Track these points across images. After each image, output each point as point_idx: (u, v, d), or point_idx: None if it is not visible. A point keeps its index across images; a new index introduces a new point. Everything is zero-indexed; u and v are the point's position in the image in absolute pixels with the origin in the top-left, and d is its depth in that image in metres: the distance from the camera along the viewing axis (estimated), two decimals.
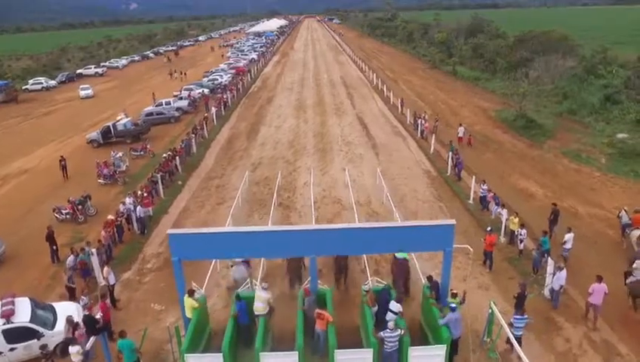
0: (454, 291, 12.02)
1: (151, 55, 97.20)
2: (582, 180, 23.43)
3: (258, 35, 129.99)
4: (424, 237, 11.66)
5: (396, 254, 13.95)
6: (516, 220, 16.94)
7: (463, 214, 20.04)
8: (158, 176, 22.69)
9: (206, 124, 33.33)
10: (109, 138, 32.45)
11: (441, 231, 11.66)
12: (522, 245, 16.34)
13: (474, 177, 21.45)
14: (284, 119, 37.33)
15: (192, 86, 48.11)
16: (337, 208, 20.95)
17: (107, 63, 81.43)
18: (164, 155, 25.44)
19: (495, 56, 54.09)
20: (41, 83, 62.20)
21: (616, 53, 45.89)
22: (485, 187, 20.05)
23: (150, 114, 37.50)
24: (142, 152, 29.22)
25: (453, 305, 11.19)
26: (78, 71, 72.06)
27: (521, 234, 16.20)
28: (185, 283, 12.10)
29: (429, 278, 12.62)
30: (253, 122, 37.11)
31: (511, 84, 36.19)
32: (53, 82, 63.42)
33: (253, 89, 52.89)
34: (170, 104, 40.27)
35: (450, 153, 24.69)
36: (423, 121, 30.73)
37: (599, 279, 12.71)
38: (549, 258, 14.43)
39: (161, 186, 22.88)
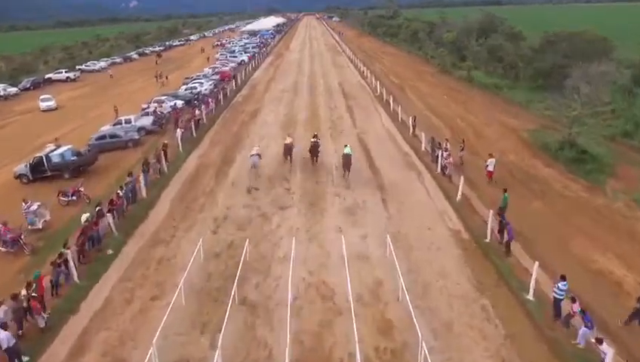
0: None
1: (135, 56, 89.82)
2: None
3: (253, 33, 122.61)
4: None
5: (344, 150, 23.36)
6: None
7: (524, 327, 12.94)
8: (68, 253, 15.51)
9: (165, 154, 26.13)
10: (41, 172, 25.35)
11: None
12: None
13: (536, 264, 14.21)
14: (268, 143, 30.13)
15: (163, 97, 40.91)
16: (328, 310, 13.84)
17: (83, 66, 74.21)
18: (84, 220, 17.88)
19: (517, 60, 46.86)
20: None
21: None
22: (564, 287, 12.87)
23: (102, 137, 30.33)
24: (74, 197, 22.09)
25: None
26: (47, 76, 64.77)
27: None
28: None
29: None
30: (229, 147, 29.90)
31: (555, 103, 28.91)
32: (13, 89, 56.06)
33: (237, 99, 45.65)
34: (130, 122, 33.15)
35: (494, 213, 17.56)
36: (445, 153, 23.50)
37: None
38: None
39: (74, 266, 15.73)
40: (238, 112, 39.79)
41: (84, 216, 17.57)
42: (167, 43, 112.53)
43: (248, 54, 75.62)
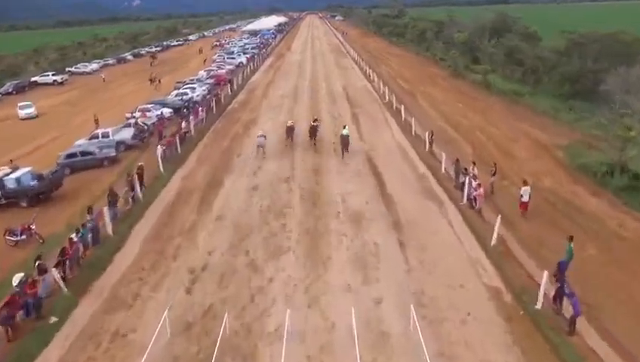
0: None
1: (129, 57, 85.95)
2: None
3: (253, 33, 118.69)
4: None
5: (342, 131, 26.31)
6: None
7: None
8: None
9: (141, 178, 22.25)
10: None
11: None
12: None
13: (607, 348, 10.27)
14: (264, 161, 26.22)
15: (149, 105, 37.04)
16: None
17: (73, 68, 70.44)
18: (16, 282, 13.83)
19: (539, 63, 42.81)
20: None
21: None
22: None
23: (72, 155, 26.46)
24: (23, 236, 18.23)
25: None
26: (33, 79, 60.99)
27: None
28: None
29: None
30: (218, 166, 25.97)
31: (589, 114, 24.91)
32: None
33: (233, 105, 41.72)
34: (108, 136, 29.31)
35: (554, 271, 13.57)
36: (474, 182, 19.50)
37: None
38: None
39: None
40: (231, 122, 35.85)
41: (17, 278, 13.66)
42: (164, 43, 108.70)
43: (247, 55, 71.73)
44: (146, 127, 31.24)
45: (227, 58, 67.87)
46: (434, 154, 26.05)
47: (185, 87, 44.62)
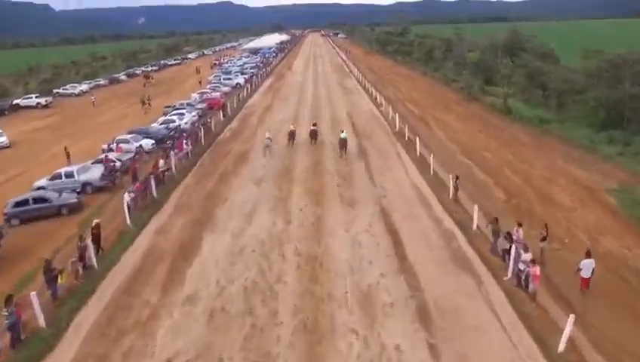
0: None
1: (122, 77, 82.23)
2: None
3: (254, 52, 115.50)
4: None
5: (340, 135, 29.84)
6: None
7: None
8: None
9: (97, 240, 17.69)
10: None
11: None
12: None
13: None
14: (252, 212, 21.67)
15: (129, 136, 32.74)
16: None
17: (60, 90, 66.62)
18: None
19: (565, 86, 38.44)
20: None
21: None
22: None
23: (23, 203, 21.96)
24: None
25: None
26: (16, 101, 57.04)
27: None
28: None
29: None
30: (198, 218, 21.38)
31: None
32: None
33: (224, 135, 37.34)
34: (72, 176, 24.89)
35: None
36: (525, 254, 14.81)
37: None
38: None
39: None
40: (221, 155, 31.40)
41: None
42: (161, 62, 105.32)
43: (245, 76, 67.83)
44: (118, 165, 26.73)
45: (224, 79, 63.98)
46: (460, 204, 21.46)
47: (173, 113, 40.39)
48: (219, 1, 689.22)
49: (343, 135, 29.86)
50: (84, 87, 69.47)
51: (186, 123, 37.91)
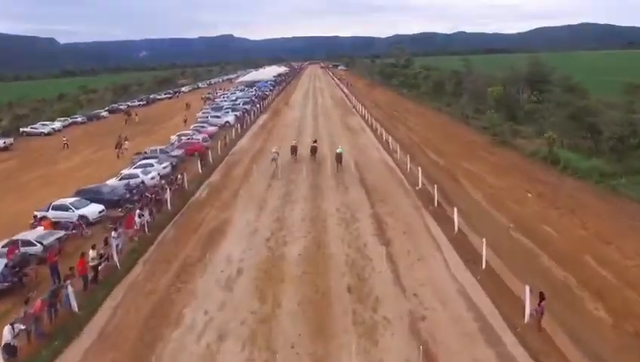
0: None
1: (103, 114, 75.10)
2: None
3: (250, 85, 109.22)
4: None
5: (337, 150, 32.83)
6: None
7: None
8: None
9: None
10: None
11: None
12: None
13: None
14: (216, 351, 13.51)
15: (69, 201, 24.80)
16: None
17: (29, 128, 59.30)
18: None
19: (626, 130, 30.89)
20: None
21: None
22: None
23: None
24: None
25: None
26: None
27: None
28: None
29: None
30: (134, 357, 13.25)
31: None
32: None
33: (200, 195, 29.43)
34: None
35: None
36: None
37: None
38: None
39: None
40: (188, 230, 23.35)
41: None
42: (150, 96, 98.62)
43: (237, 113, 60.66)
44: (35, 250, 18.69)
45: (212, 116, 56.68)
46: (547, 335, 13.38)
47: (139, 163, 32.60)
48: (220, 35, 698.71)
49: (339, 150, 33.08)
50: (57, 125, 62.20)
51: (152, 178, 30.10)
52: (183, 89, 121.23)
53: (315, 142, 37.24)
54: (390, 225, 22.30)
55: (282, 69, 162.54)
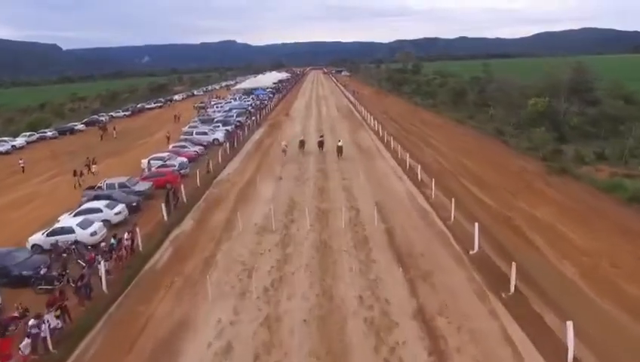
0: None
1: (80, 127, 66.50)
2: None
3: (247, 92, 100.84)
4: None
5: (338, 143, 37.51)
6: None
7: None
8: None
9: None
10: None
11: None
12: None
13: None
14: None
15: None
16: None
17: None
18: None
19: None
20: None
21: None
22: None
23: None
24: None
25: None
26: None
27: None
28: None
29: None
30: None
31: None
32: None
33: (160, 258, 20.62)
34: None
35: None
36: None
37: None
38: None
39: None
40: (121, 346, 14.60)
41: None
42: (138, 106, 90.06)
43: (228, 127, 52.08)
44: None
45: (197, 133, 47.95)
46: None
47: (79, 209, 23.79)
48: (222, 40, 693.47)
49: (340, 143, 37.68)
50: (19, 141, 53.69)
51: (93, 233, 21.32)
52: (176, 97, 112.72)
53: (322, 136, 41.57)
54: (451, 343, 13.37)
55: (283, 75, 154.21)
